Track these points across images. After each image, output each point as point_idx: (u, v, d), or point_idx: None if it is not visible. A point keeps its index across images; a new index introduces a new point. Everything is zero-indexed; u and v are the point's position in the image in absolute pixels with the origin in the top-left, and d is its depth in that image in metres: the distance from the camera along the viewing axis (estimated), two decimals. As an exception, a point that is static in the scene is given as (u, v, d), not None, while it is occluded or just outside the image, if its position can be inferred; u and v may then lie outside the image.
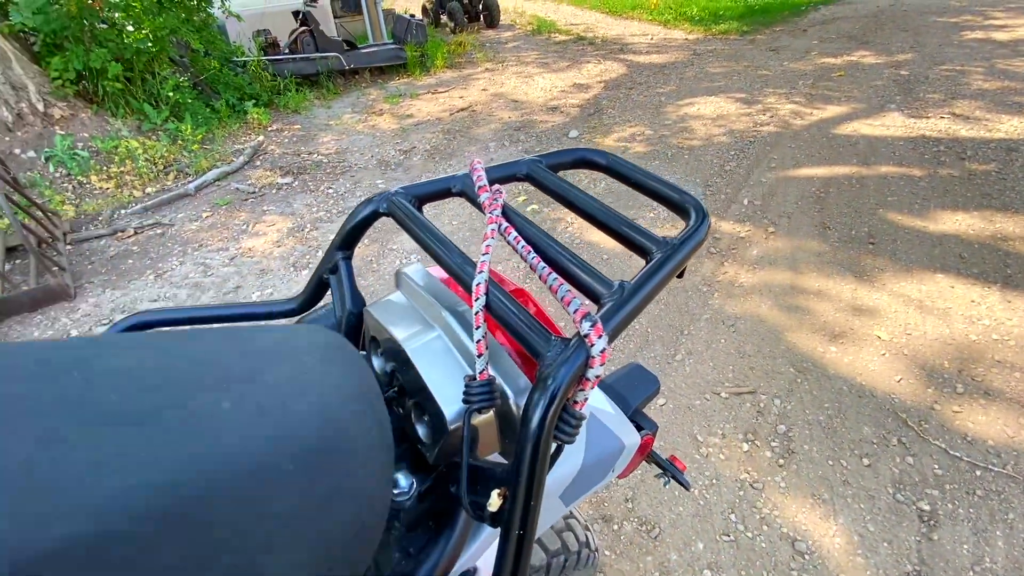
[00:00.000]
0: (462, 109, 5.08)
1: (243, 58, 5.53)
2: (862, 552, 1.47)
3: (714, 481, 1.67)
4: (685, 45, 6.86)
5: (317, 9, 6.60)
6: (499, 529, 0.48)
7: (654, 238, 0.42)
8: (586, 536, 0.89)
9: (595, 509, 1.61)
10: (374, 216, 0.49)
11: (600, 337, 0.32)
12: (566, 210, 2.85)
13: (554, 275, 0.37)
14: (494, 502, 0.33)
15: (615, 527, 1.56)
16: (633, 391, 0.75)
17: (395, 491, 0.43)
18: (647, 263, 0.40)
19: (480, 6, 8.79)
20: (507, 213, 0.45)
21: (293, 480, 0.27)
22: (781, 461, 1.72)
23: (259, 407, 0.28)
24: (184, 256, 2.99)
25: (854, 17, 7.39)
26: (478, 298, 0.37)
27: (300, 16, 6.11)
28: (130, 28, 4.60)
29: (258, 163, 4.17)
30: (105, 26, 4.45)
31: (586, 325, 0.33)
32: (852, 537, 1.51)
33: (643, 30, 7.95)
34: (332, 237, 2.14)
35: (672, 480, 0.79)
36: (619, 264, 2.65)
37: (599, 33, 7.95)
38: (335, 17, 7.45)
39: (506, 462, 0.40)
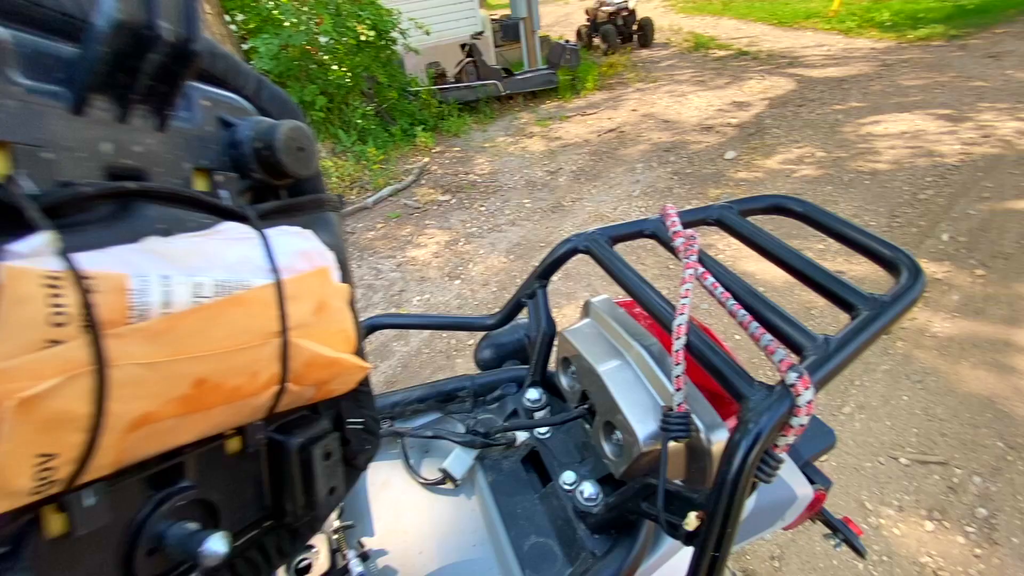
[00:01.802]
0: (610, 131, 5.12)
1: (416, 88, 6.26)
2: None
3: (884, 558, 1.45)
4: (871, 55, 6.08)
5: (480, 40, 7.20)
6: (676, 546, 0.50)
7: (861, 294, 0.42)
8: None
9: (735, 561, 1.50)
10: (573, 252, 0.55)
11: (807, 388, 0.34)
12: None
13: (755, 323, 0.39)
14: (691, 522, 0.36)
15: (757, 584, 1.44)
16: (807, 443, 0.71)
17: (584, 497, 0.48)
18: (853, 319, 0.40)
19: (634, 27, 8.79)
20: (703, 259, 0.48)
21: None
22: (978, 551, 1.43)
23: None
24: (361, 260, 3.47)
25: (1119, 9, 5.87)
26: (679, 337, 0.41)
27: (466, 48, 6.72)
28: (334, 67, 5.51)
29: (423, 182, 4.66)
30: (316, 66, 5.39)
31: (792, 375, 0.34)
32: (1084, 668, 1.20)
33: (818, 41, 7.23)
34: (481, 251, 2.32)
35: (844, 543, 0.73)
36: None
37: (764, 47, 7.42)
38: (496, 46, 8.04)
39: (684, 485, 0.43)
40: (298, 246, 0.32)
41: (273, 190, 0.35)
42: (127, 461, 0.26)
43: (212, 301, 0.26)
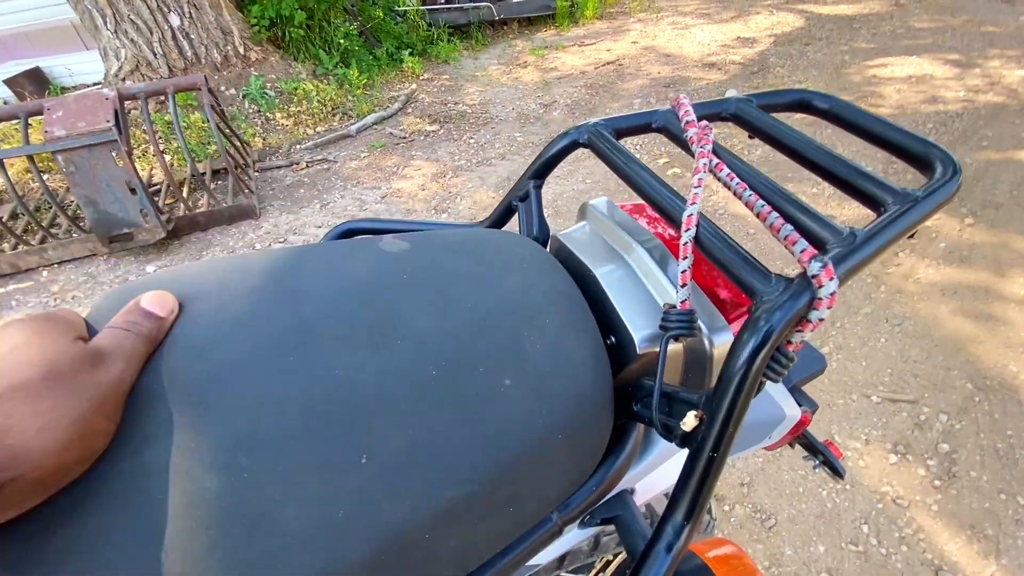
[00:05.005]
0: (608, 63, 4.88)
1: (403, 8, 5.82)
2: (1031, 603, 1.26)
3: (848, 487, 1.53)
4: (884, -7, 5.78)
5: (475, -43, 6.64)
6: (666, 453, 0.49)
7: (892, 189, 0.38)
8: (709, 504, 0.87)
9: (707, 486, 1.56)
10: (572, 146, 0.50)
11: (831, 280, 0.31)
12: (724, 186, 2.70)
13: (775, 213, 0.35)
14: (689, 422, 0.33)
15: (726, 507, 1.51)
16: (796, 367, 0.70)
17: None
18: (880, 215, 0.37)
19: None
20: (717, 151, 0.43)
21: (560, 444, 0.34)
22: (937, 483, 1.51)
23: (530, 389, 0.34)
24: (344, 191, 3.34)
25: None
26: (688, 229, 0.37)
27: (459, -35, 6.21)
28: (314, -22, 5.06)
29: (410, 110, 4.44)
30: (294, -24, 4.94)
31: (816, 265, 0.31)
32: (1019, 584, 1.29)
33: (831, -24, 6.82)
34: (470, 185, 2.22)
35: (824, 465, 0.74)
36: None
37: (774, -20, 6.99)
38: (490, -34, 7.44)
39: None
40: None
41: None
42: None
43: None
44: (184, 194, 3.07)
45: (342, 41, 4.92)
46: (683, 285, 0.37)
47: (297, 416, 0.29)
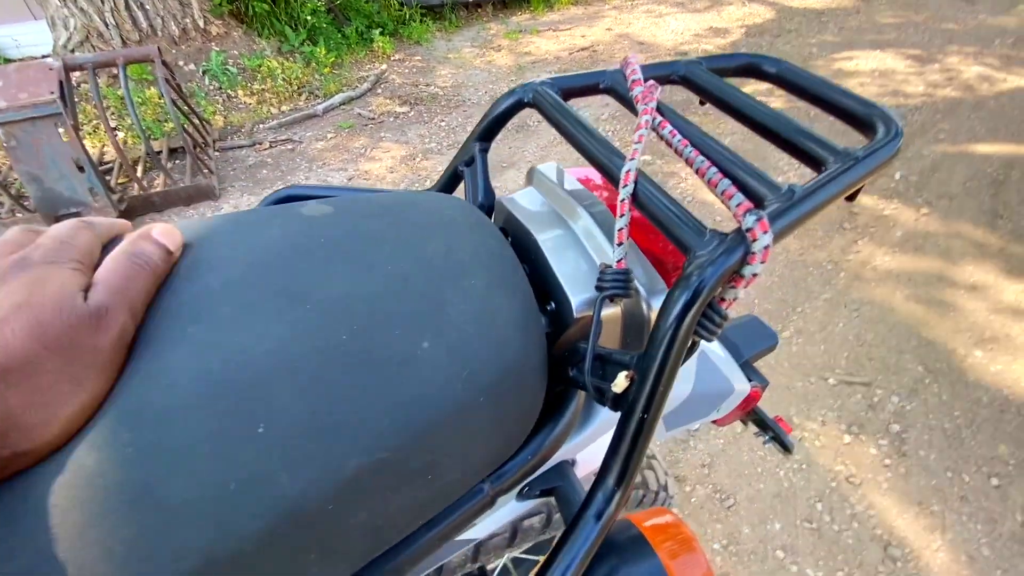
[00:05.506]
0: (583, 48, 4.85)
1: (375, -15, 5.64)
2: (969, 573, 1.32)
3: (804, 466, 1.57)
4: (852, -11, 5.90)
5: (449, -63, 6.48)
6: (608, 424, 0.48)
7: (833, 148, 0.37)
8: (665, 480, 0.88)
9: (671, 466, 1.59)
10: (517, 106, 0.47)
11: (765, 233, 0.29)
12: (678, 164, 2.65)
13: (714, 168, 0.34)
14: (620, 383, 0.32)
15: (687, 488, 1.53)
16: (747, 342, 0.70)
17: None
18: (821, 172, 0.36)
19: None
20: (661, 109, 0.41)
21: (483, 409, 0.32)
22: (888, 461, 1.57)
23: (450, 351, 0.32)
24: (309, 172, 3.24)
25: (1093, -40, 5.84)
26: (625, 185, 0.35)
27: (432, -57, 6.04)
28: (279, -50, 4.85)
29: (379, 91, 4.32)
30: (258, -52, 4.72)
31: (750, 219, 0.29)
32: (960, 556, 1.36)
33: (802, -30, 6.92)
34: (440, 168, 2.19)
35: (773, 441, 0.74)
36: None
37: (748, -28, 7.06)
38: (465, -54, 7.28)
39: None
40: None
41: None
42: None
43: None
44: (138, 173, 2.93)
45: (309, 18, 4.74)
46: (619, 243, 0.35)
47: (189, 387, 0.26)
